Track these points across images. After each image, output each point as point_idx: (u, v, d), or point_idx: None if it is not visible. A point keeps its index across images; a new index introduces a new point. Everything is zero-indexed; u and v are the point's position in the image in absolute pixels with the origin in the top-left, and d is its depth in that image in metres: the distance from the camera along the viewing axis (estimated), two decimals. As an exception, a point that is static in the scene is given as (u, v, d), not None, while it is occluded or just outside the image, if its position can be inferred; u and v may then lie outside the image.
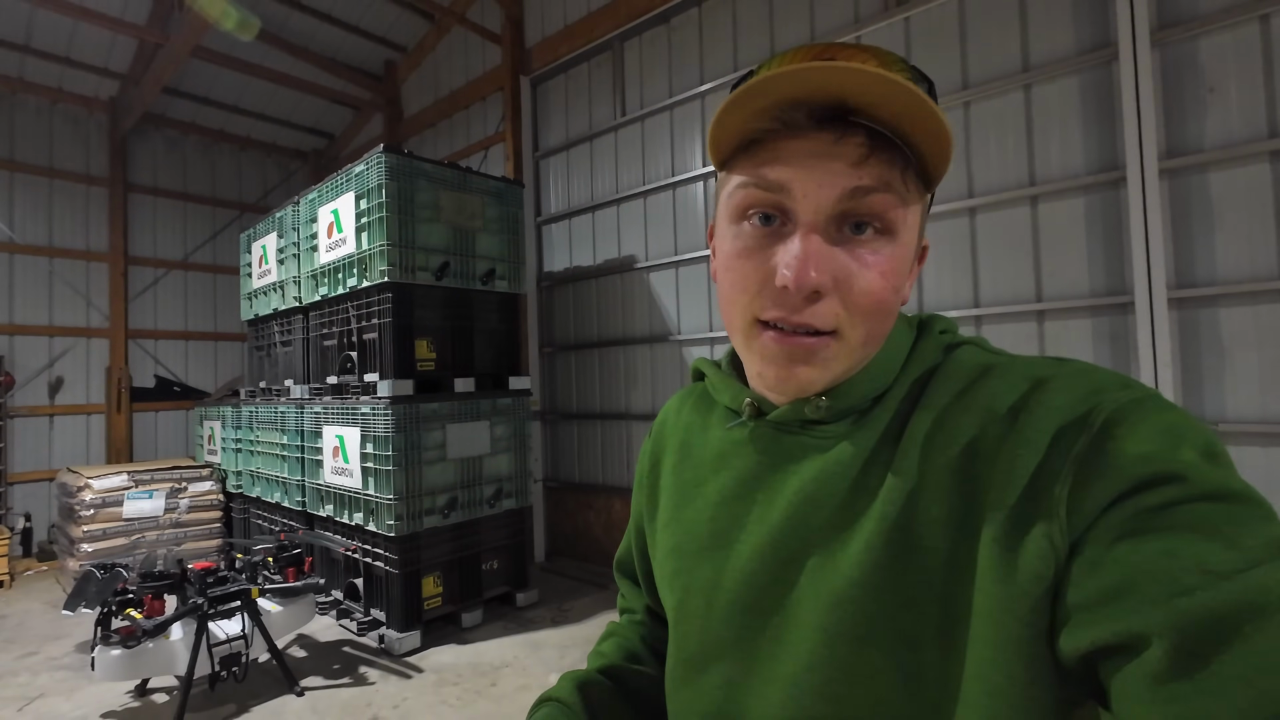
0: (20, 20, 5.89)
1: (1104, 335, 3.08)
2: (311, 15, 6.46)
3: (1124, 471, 0.37)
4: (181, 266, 7.66)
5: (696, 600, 0.56)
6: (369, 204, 3.90)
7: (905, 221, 0.47)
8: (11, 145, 6.51)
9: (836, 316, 0.47)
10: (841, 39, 3.90)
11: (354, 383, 4.09)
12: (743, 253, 0.49)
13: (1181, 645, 0.31)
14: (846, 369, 0.50)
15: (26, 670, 3.67)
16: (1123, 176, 2.98)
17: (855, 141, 0.44)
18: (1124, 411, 0.40)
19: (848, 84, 0.42)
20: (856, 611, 0.46)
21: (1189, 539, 0.34)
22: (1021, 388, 0.45)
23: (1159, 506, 0.36)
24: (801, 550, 0.50)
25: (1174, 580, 0.33)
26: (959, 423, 0.46)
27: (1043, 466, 0.40)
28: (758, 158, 0.47)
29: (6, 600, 5.06)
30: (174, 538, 5.27)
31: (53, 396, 6.69)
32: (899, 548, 0.45)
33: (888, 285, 0.47)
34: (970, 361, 0.50)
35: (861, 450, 0.49)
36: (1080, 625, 0.36)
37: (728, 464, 0.58)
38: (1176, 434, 0.38)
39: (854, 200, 0.45)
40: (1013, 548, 0.40)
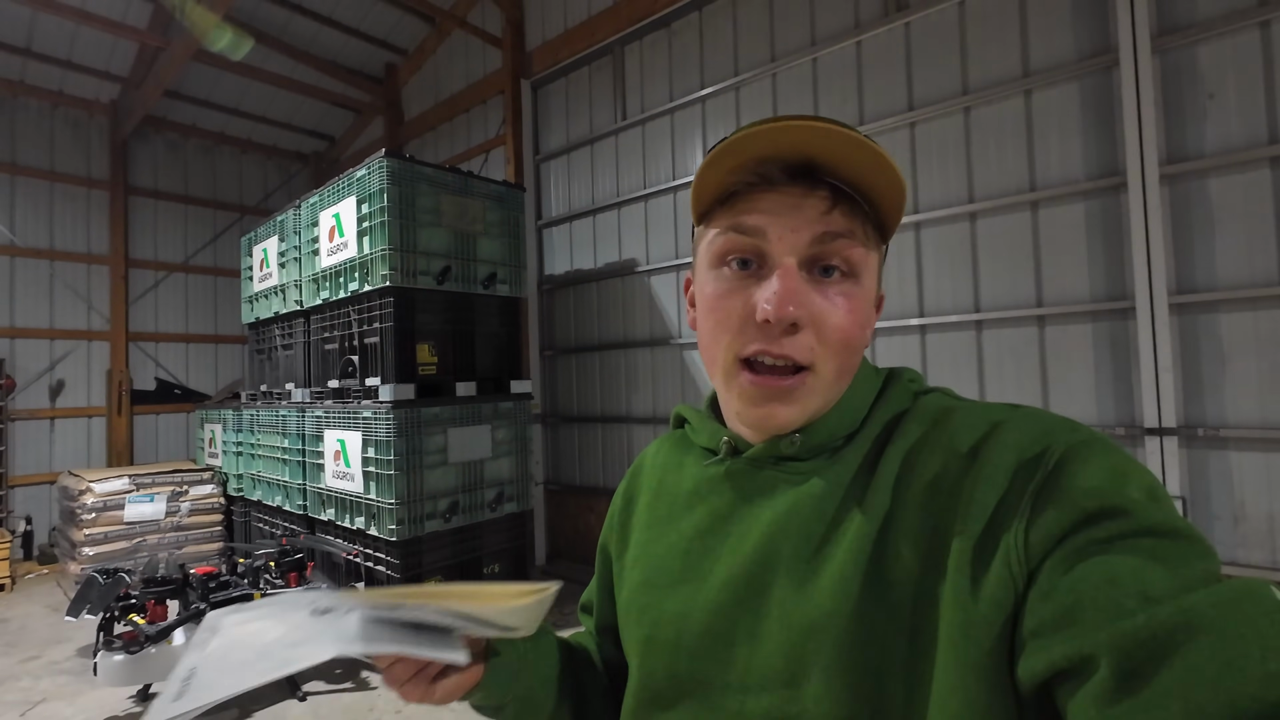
0: (22, 23, 5.90)
1: (1104, 340, 3.08)
2: (312, 18, 6.47)
3: (1076, 504, 0.40)
4: (182, 269, 7.67)
5: (666, 633, 0.56)
6: (370, 208, 3.90)
7: (867, 266, 0.52)
8: (13, 148, 6.52)
9: (812, 350, 0.50)
10: (842, 44, 3.91)
11: (355, 386, 4.10)
12: (724, 294, 0.53)
13: (1124, 665, 0.33)
14: (820, 405, 0.54)
15: (28, 675, 3.67)
16: (1123, 182, 2.99)
17: (821, 195, 0.50)
18: (1075, 450, 0.43)
19: (815, 142, 0.48)
20: (827, 641, 0.47)
21: (1131, 567, 0.37)
22: (982, 428, 0.48)
23: (1105, 539, 0.38)
24: (772, 580, 0.51)
25: (1117, 605, 0.35)
26: (925, 461, 0.49)
27: (1002, 501, 0.43)
28: (735, 209, 0.52)
29: (8, 604, 5.06)
30: (175, 541, 5.27)
31: (53, 399, 6.69)
32: (870, 580, 0.46)
33: (855, 322, 0.51)
34: (936, 405, 0.53)
35: (834, 485, 0.52)
36: (1035, 651, 0.38)
37: (702, 499, 0.59)
38: (1122, 473, 0.41)
39: (823, 245, 0.50)
40: (975, 577, 0.42)
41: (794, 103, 4.17)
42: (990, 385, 3.40)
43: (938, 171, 3.57)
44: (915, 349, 3.63)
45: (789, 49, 4.20)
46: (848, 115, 3.92)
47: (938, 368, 3.56)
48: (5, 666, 3.80)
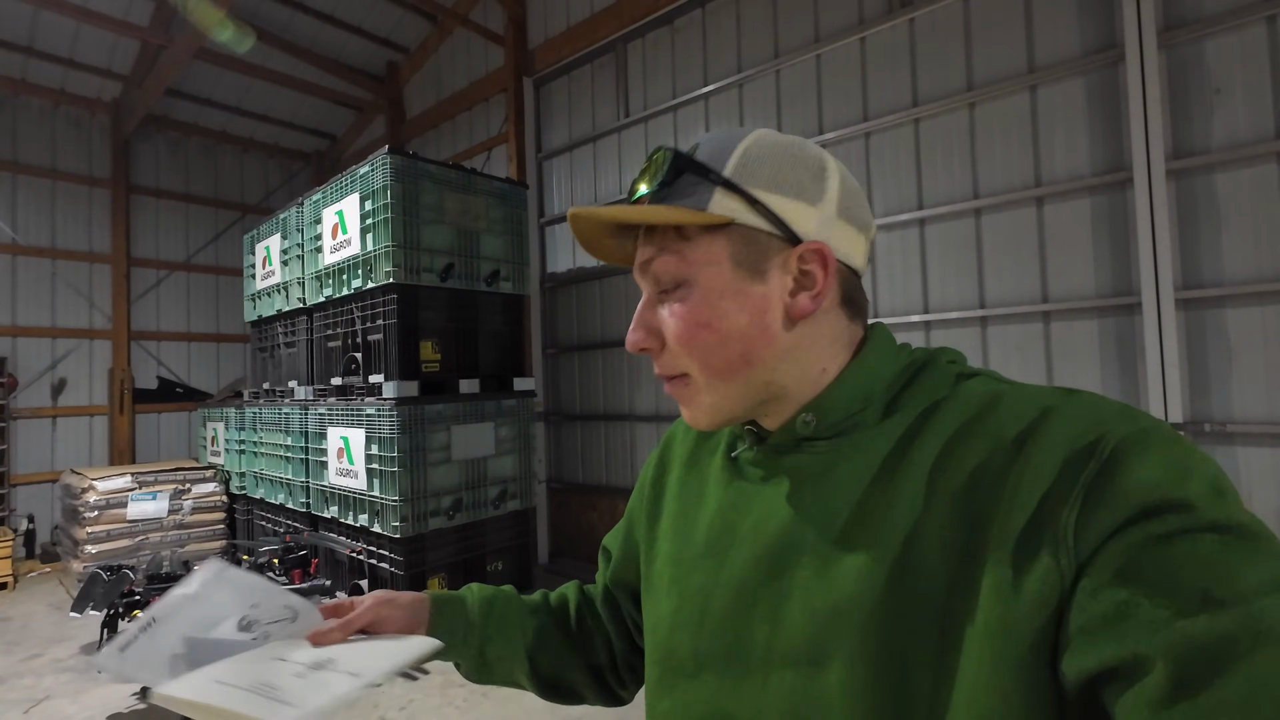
0: (23, 22, 5.89)
1: (1110, 336, 3.08)
2: (314, 16, 6.47)
3: (1131, 499, 0.38)
4: (184, 268, 7.67)
5: (691, 607, 0.58)
6: (374, 205, 3.90)
7: (697, 269, 0.54)
8: (14, 147, 6.52)
9: (675, 363, 0.56)
10: (846, 40, 3.90)
11: (358, 384, 4.10)
12: None
13: (1182, 670, 0.32)
14: (717, 400, 0.55)
15: (31, 672, 3.67)
16: (1129, 178, 2.98)
17: (635, 234, 0.59)
18: (1132, 441, 0.41)
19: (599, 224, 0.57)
20: (850, 628, 0.46)
21: (1193, 567, 0.35)
22: (1030, 416, 0.46)
23: (1165, 534, 0.36)
24: (794, 562, 0.51)
25: (1176, 605, 0.34)
26: (966, 449, 0.47)
27: (1050, 493, 0.41)
28: None
29: (10, 602, 5.05)
30: (178, 539, 5.27)
31: (55, 398, 6.69)
32: (899, 567, 0.46)
33: (687, 325, 0.54)
34: (981, 391, 0.51)
35: (862, 468, 0.51)
36: (1083, 648, 0.37)
37: (730, 478, 0.61)
38: (1184, 465, 0.39)
39: (646, 273, 0.56)
40: (1018, 571, 0.41)
41: (798, 99, 4.16)
42: (995, 382, 3.39)
43: (943, 168, 3.57)
44: (919, 345, 3.62)
45: (792, 45, 4.19)
46: (851, 112, 3.92)
47: (942, 364, 3.55)
48: (8, 664, 3.79)
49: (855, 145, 3.90)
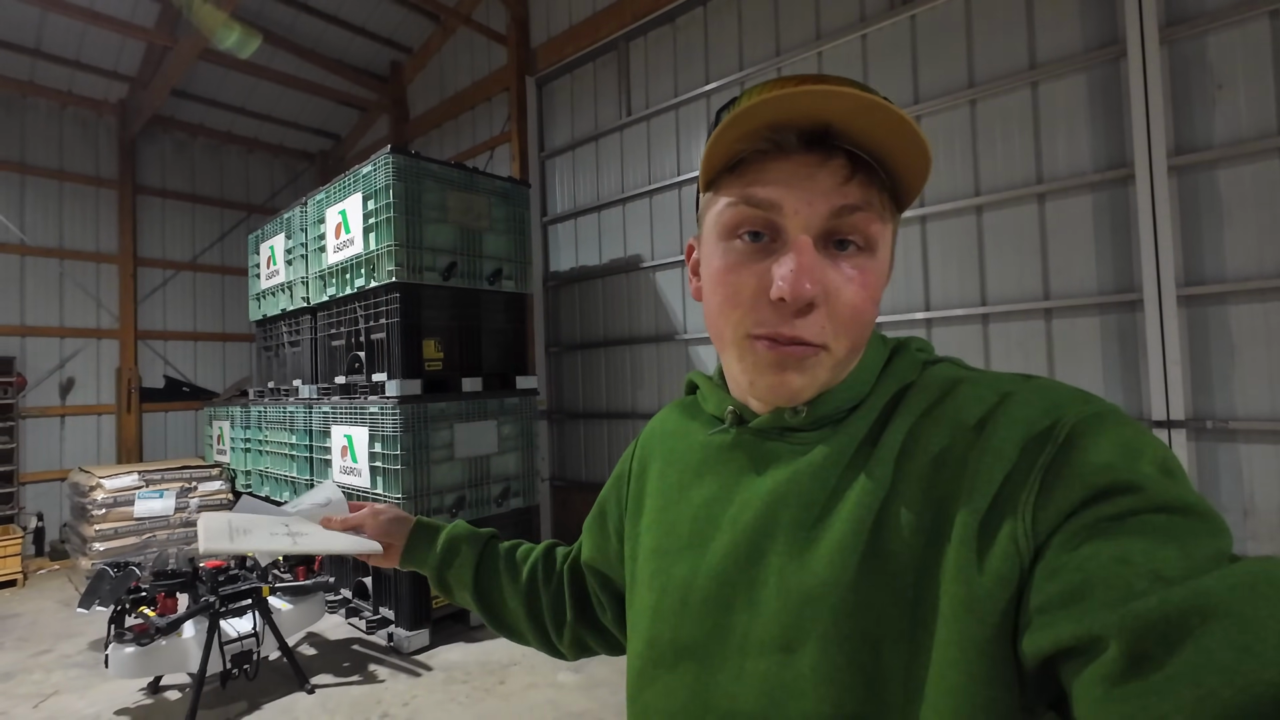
0: (31, 24, 5.94)
1: (1112, 333, 3.07)
2: (318, 17, 6.50)
3: (1085, 480, 0.39)
4: (190, 268, 7.72)
5: (672, 598, 0.58)
6: (376, 204, 3.92)
7: (884, 238, 0.51)
8: (22, 148, 6.58)
9: (823, 330, 0.49)
10: (847, 38, 3.90)
11: (362, 383, 4.12)
12: (734, 268, 0.51)
13: (1134, 647, 0.33)
14: (830, 379, 0.53)
15: (41, 668, 3.71)
16: (1131, 174, 2.97)
17: (839, 163, 0.48)
18: (1087, 424, 0.42)
19: (833, 108, 0.45)
20: (824, 610, 0.47)
21: (1143, 546, 0.36)
22: (990, 401, 0.47)
23: (1116, 515, 0.38)
24: (769, 548, 0.51)
25: (1128, 585, 0.34)
26: (930, 434, 0.48)
27: (1010, 475, 0.42)
28: (745, 178, 0.50)
29: (20, 599, 5.11)
30: (184, 537, 5.31)
31: (64, 397, 6.75)
32: (869, 551, 0.46)
33: (868, 297, 0.50)
34: (944, 376, 0.52)
35: (837, 456, 0.51)
36: (1041, 628, 0.37)
37: (711, 469, 0.60)
38: (1136, 447, 0.41)
39: (839, 218, 0.48)
40: (980, 552, 0.42)
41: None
42: (997, 379, 3.39)
43: (944, 165, 3.56)
44: (921, 343, 3.62)
45: (794, 43, 4.19)
46: (853, 109, 3.91)
47: (944, 362, 3.55)
48: (18, 660, 3.84)
49: (856, 143, 3.89)
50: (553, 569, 0.86)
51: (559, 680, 3.27)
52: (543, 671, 3.38)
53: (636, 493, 0.70)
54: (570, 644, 0.84)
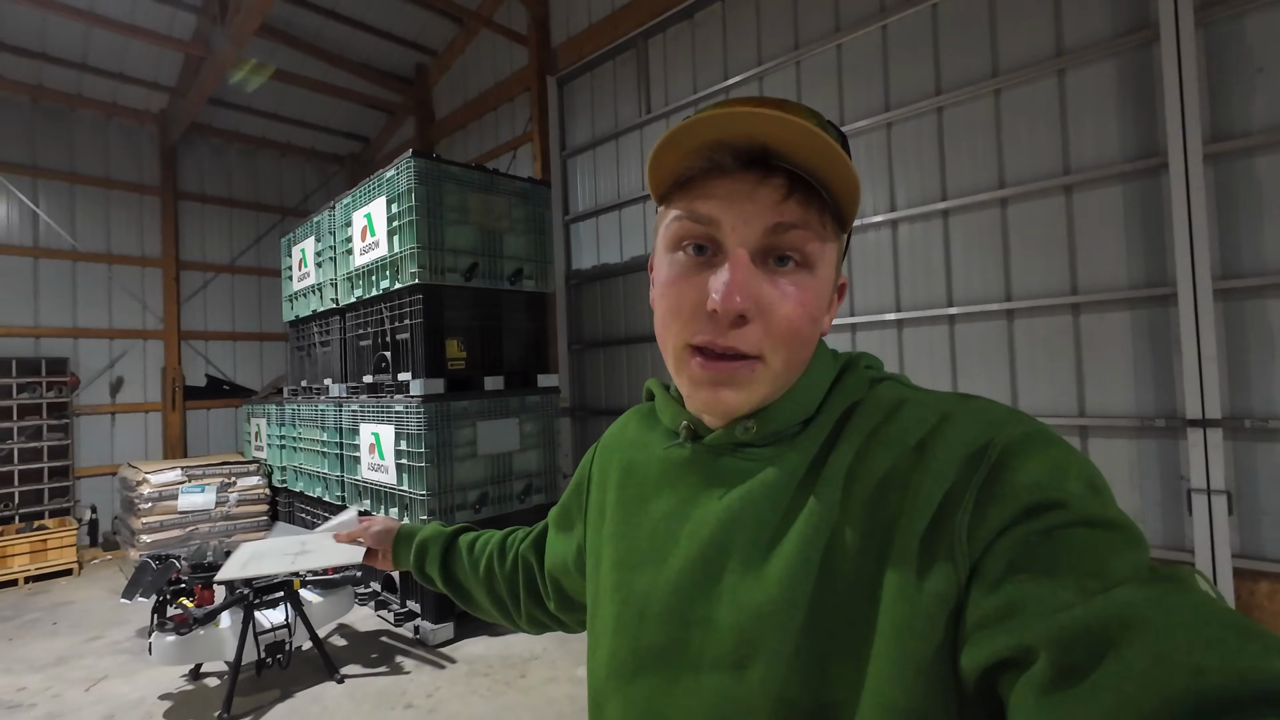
0: (78, 40, 6.22)
1: (1143, 329, 2.97)
2: (345, 23, 6.64)
3: (1016, 499, 0.41)
4: (228, 270, 8.00)
5: (632, 611, 0.59)
6: (399, 208, 4.01)
7: (823, 257, 0.52)
8: (72, 158, 6.90)
9: (760, 342, 0.50)
10: (867, 29, 3.83)
11: (388, 382, 4.23)
12: (677, 279, 0.53)
13: (1062, 658, 0.34)
14: (769, 393, 0.54)
15: (92, 653, 3.92)
16: (1164, 163, 2.86)
17: (776, 183, 0.49)
18: (1017, 444, 0.44)
19: (768, 131, 0.47)
20: (773, 628, 0.48)
21: (1068, 560, 0.38)
22: (930, 422, 0.48)
23: (1044, 530, 0.39)
24: (725, 566, 0.53)
25: (1055, 598, 0.36)
26: (876, 455, 0.49)
27: (948, 496, 0.44)
28: (691, 193, 0.52)
29: (75, 587, 5.39)
30: (224, 530, 5.54)
31: (114, 395, 7.08)
32: (816, 570, 0.48)
33: (804, 314, 0.51)
34: (888, 396, 0.53)
35: (788, 474, 0.53)
36: (978, 643, 0.39)
37: (669, 483, 0.61)
38: (1062, 466, 0.42)
39: (776, 235, 0.49)
40: (920, 571, 0.43)
41: (818, 91, 4.10)
42: (1022, 376, 3.31)
43: (967, 157, 3.48)
44: (944, 339, 3.56)
45: (813, 36, 4.13)
46: (873, 102, 3.85)
47: (967, 359, 3.48)
48: (71, 645, 4.07)
49: (877, 136, 3.83)
50: (505, 556, 0.93)
51: (578, 675, 3.32)
52: (563, 666, 3.44)
53: (598, 502, 0.71)
54: (527, 621, 0.91)
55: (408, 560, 1.00)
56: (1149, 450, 2.96)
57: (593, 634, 0.66)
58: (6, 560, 5.42)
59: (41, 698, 3.34)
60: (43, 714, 3.17)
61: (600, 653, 0.63)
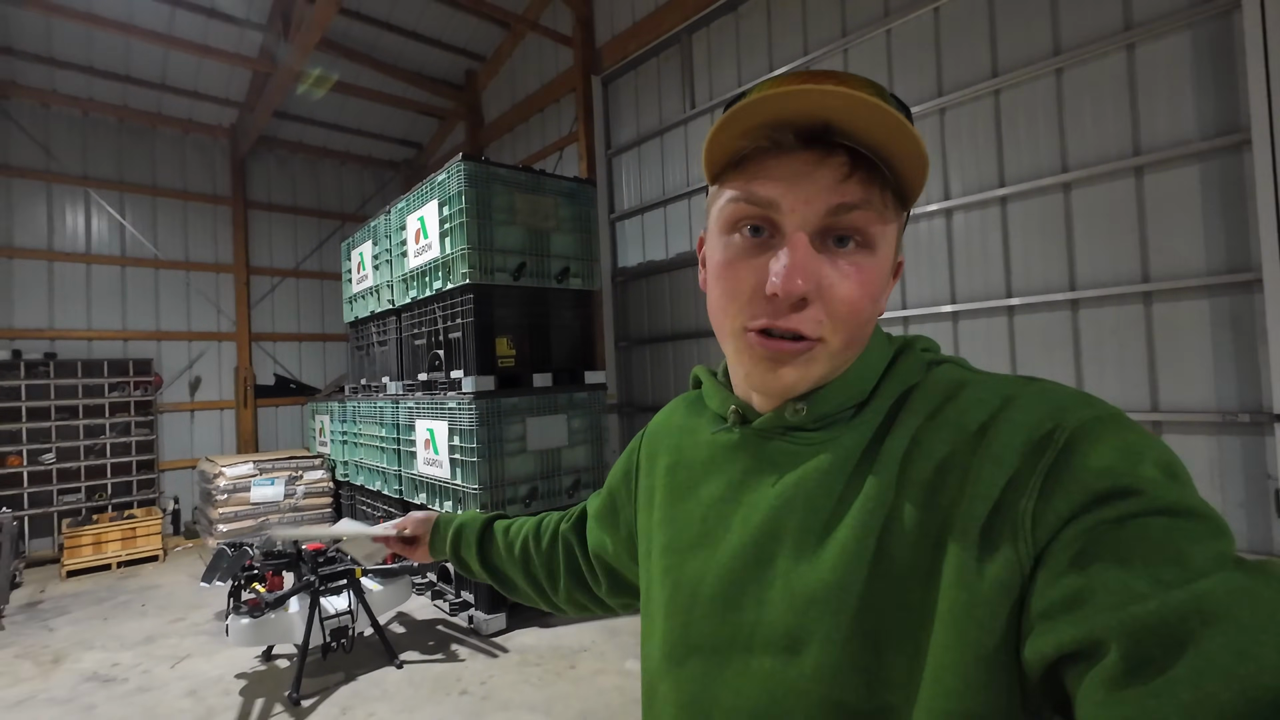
0: (157, 62, 6.66)
1: (1224, 318, 2.77)
2: (399, 33, 6.87)
3: (1085, 486, 0.39)
4: (293, 274, 8.42)
5: (683, 595, 0.59)
6: (451, 210, 4.13)
7: (884, 237, 0.50)
8: (153, 172, 7.40)
9: (820, 324, 0.50)
10: (918, 12, 3.71)
11: (442, 379, 4.37)
12: (733, 262, 0.52)
13: (1135, 651, 0.33)
14: (826, 373, 0.53)
15: (176, 633, 4.21)
16: (1246, 139, 2.67)
17: (838, 161, 0.48)
18: (1087, 428, 0.42)
19: (832, 107, 0.45)
20: (826, 613, 0.47)
21: (1143, 550, 0.36)
22: (992, 405, 0.46)
23: (1117, 519, 0.37)
24: (778, 551, 0.52)
25: (1128, 588, 0.34)
26: (933, 439, 0.48)
27: (1011, 482, 0.42)
28: (747, 173, 0.51)
29: (160, 572, 5.80)
30: (292, 521, 5.84)
31: (192, 394, 7.56)
32: (872, 555, 0.47)
33: (865, 295, 0.50)
34: (947, 379, 0.52)
35: (841, 460, 0.52)
36: (1043, 633, 0.37)
37: (718, 468, 0.61)
38: (1137, 451, 0.40)
39: (837, 216, 0.48)
40: (981, 558, 0.42)
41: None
42: (1089, 369, 3.15)
43: (1027, 141, 3.33)
44: (1002, 332, 3.42)
45: (861, 22, 4.03)
46: (925, 88, 3.72)
47: (1028, 352, 3.33)
48: (158, 625, 4.38)
49: (929, 122, 3.71)
50: (541, 538, 0.93)
51: (626, 668, 3.36)
52: (611, 658, 3.48)
53: (647, 487, 0.71)
54: (566, 601, 0.92)
55: (444, 548, 1.02)
56: (1232, 447, 2.77)
57: (646, 618, 0.66)
58: (101, 546, 5.87)
59: (133, 673, 3.61)
60: (134, 688, 3.43)
61: (654, 637, 0.63)
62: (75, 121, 6.92)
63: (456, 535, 1.01)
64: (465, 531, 1.00)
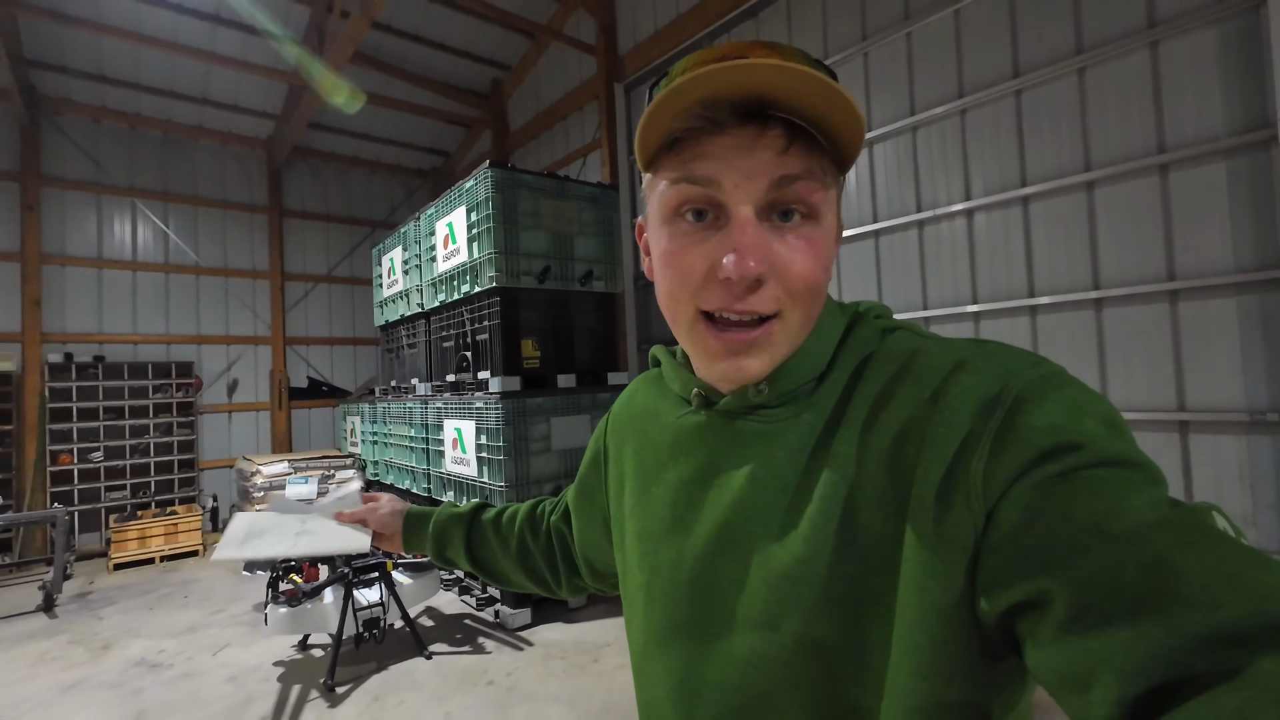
0: (199, 77, 6.95)
1: (1253, 316, 2.74)
2: (428, 45, 7.07)
3: (1031, 443, 0.41)
4: (326, 280, 8.67)
5: (661, 580, 0.60)
6: (478, 216, 4.26)
7: (827, 204, 0.50)
8: (195, 183, 7.71)
9: (777, 300, 0.50)
10: (939, 14, 3.72)
11: (469, 380, 4.49)
12: (680, 249, 0.51)
13: (1079, 599, 0.35)
14: (787, 352, 0.53)
15: (216, 624, 4.39)
16: (1274, 135, 2.64)
17: (775, 134, 0.47)
18: (1032, 387, 0.43)
19: (761, 80, 0.45)
20: (803, 586, 0.49)
21: (1087, 501, 0.37)
22: (944, 370, 0.48)
23: (1060, 473, 0.39)
24: (750, 530, 0.53)
25: (1072, 540, 0.36)
26: (891, 407, 0.49)
27: (964, 443, 0.44)
28: (683, 155, 0.49)
29: (199, 567, 6.02)
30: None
31: (230, 396, 7.83)
32: (840, 526, 0.48)
33: (819, 266, 0.50)
34: (902, 346, 0.53)
35: (805, 434, 0.53)
36: (996, 587, 0.39)
37: (685, 451, 0.61)
38: (1079, 406, 0.42)
39: (780, 189, 0.48)
40: (939, 519, 0.43)
41: (887, 81, 4.02)
42: (1113, 370, 3.12)
43: (1050, 140, 3.32)
44: (1025, 331, 3.41)
45: (881, 25, 4.06)
46: (945, 90, 3.74)
47: (1051, 351, 3.31)
48: (200, 616, 4.56)
49: (950, 123, 3.71)
50: (538, 531, 0.92)
51: (649, 663, 3.41)
52: (634, 653, 3.54)
53: (616, 474, 0.71)
54: (568, 589, 0.93)
55: (423, 544, 0.98)
56: (1262, 447, 2.73)
57: (628, 603, 0.67)
58: (146, 541, 6.12)
59: (178, 659, 3.78)
60: (179, 673, 3.59)
61: (636, 621, 0.64)
62: (123, 135, 7.25)
63: (440, 534, 0.97)
64: (449, 530, 0.96)
